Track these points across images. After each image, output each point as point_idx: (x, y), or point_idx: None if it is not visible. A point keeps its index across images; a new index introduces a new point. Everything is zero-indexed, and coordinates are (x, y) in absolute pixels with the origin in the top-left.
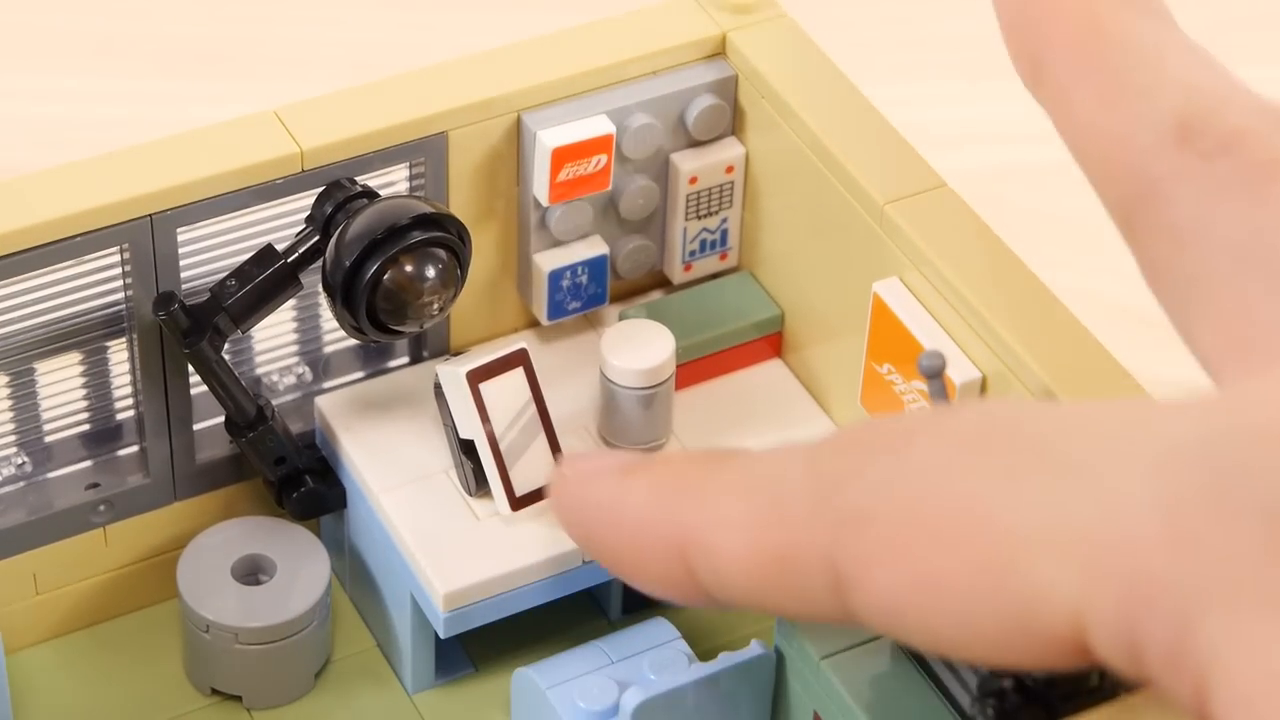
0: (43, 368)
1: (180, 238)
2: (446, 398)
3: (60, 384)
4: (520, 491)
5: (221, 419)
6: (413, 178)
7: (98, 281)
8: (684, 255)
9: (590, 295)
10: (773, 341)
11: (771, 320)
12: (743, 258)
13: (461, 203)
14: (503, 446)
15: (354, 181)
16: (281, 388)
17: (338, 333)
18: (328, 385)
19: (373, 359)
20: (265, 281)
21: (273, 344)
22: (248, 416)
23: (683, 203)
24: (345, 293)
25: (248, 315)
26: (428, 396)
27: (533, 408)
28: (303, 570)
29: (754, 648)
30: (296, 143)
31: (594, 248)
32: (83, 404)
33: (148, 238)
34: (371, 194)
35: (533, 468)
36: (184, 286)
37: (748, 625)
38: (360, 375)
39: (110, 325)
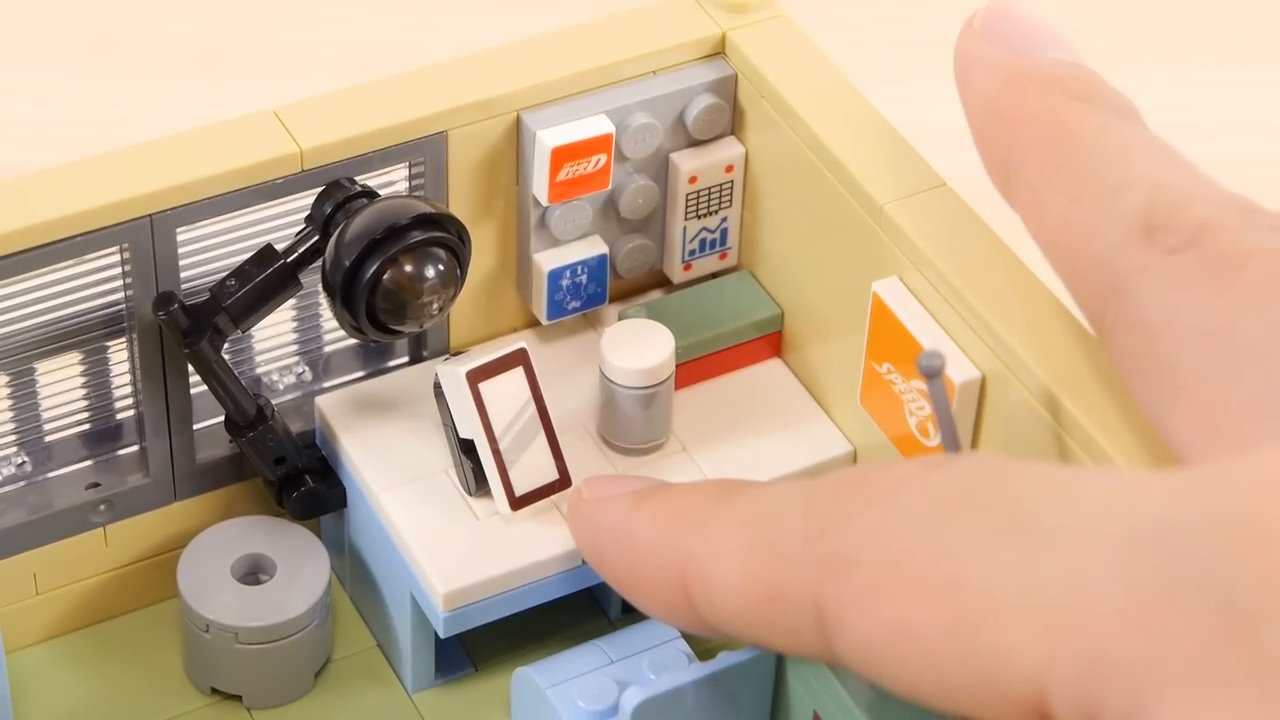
0: (43, 368)
1: (180, 238)
2: (446, 397)
3: (60, 384)
4: (520, 491)
5: (221, 419)
6: (412, 177)
7: (98, 281)
8: (684, 255)
9: (590, 295)
10: (772, 341)
11: (771, 320)
12: (742, 257)
13: (461, 202)
14: (502, 446)
15: (354, 181)
16: (281, 387)
17: (338, 332)
18: (328, 385)
19: (373, 359)
20: (265, 281)
21: (273, 343)
22: (248, 416)
23: (682, 202)
24: (345, 292)
25: (247, 315)
26: (428, 396)
27: (532, 407)
28: (302, 570)
29: (754, 648)
30: (296, 142)
31: (593, 247)
32: (83, 404)
33: (147, 238)
34: (371, 194)
35: (533, 467)
36: (184, 286)
37: None
38: (360, 375)
39: (110, 325)
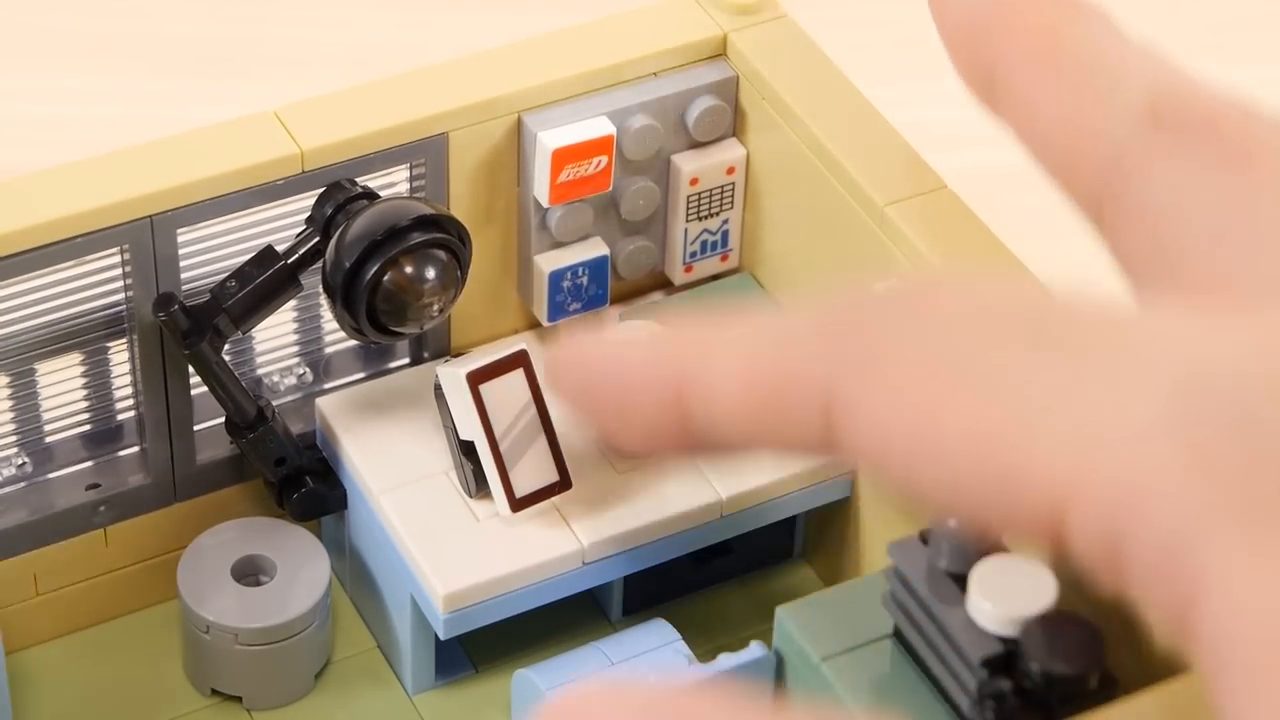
0: (43, 368)
1: (180, 238)
2: (446, 399)
3: (60, 384)
4: (520, 493)
5: (222, 420)
6: (413, 178)
7: (98, 282)
8: (685, 256)
9: (591, 296)
10: None
11: None
12: (743, 259)
13: (462, 204)
14: (503, 448)
15: (354, 182)
16: (282, 388)
17: (338, 333)
18: (328, 386)
19: (373, 360)
20: (265, 282)
21: (273, 345)
22: (248, 417)
23: (683, 204)
24: (345, 294)
25: (248, 316)
26: (428, 397)
27: (533, 409)
28: (303, 571)
29: (754, 649)
30: (296, 143)
31: (594, 249)
32: (83, 404)
33: (148, 238)
34: (372, 195)
35: (533, 469)
36: (184, 287)
37: (748, 626)
38: (361, 376)
39: (110, 326)
